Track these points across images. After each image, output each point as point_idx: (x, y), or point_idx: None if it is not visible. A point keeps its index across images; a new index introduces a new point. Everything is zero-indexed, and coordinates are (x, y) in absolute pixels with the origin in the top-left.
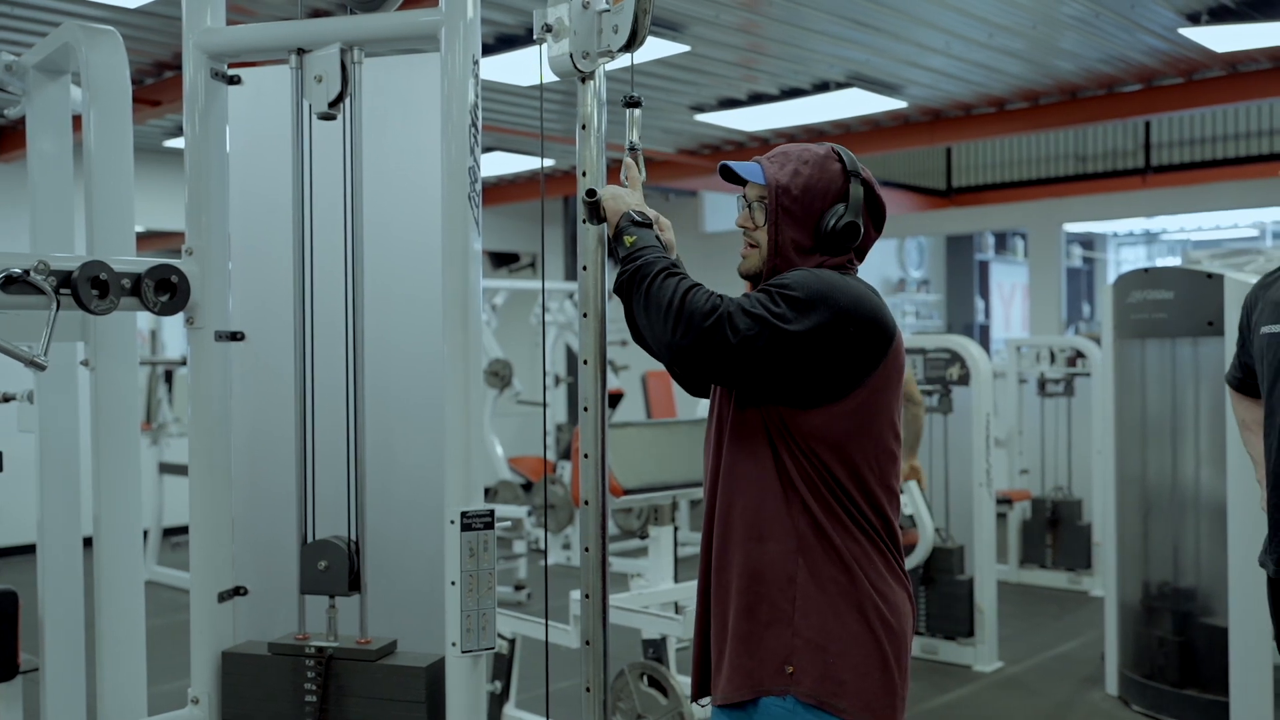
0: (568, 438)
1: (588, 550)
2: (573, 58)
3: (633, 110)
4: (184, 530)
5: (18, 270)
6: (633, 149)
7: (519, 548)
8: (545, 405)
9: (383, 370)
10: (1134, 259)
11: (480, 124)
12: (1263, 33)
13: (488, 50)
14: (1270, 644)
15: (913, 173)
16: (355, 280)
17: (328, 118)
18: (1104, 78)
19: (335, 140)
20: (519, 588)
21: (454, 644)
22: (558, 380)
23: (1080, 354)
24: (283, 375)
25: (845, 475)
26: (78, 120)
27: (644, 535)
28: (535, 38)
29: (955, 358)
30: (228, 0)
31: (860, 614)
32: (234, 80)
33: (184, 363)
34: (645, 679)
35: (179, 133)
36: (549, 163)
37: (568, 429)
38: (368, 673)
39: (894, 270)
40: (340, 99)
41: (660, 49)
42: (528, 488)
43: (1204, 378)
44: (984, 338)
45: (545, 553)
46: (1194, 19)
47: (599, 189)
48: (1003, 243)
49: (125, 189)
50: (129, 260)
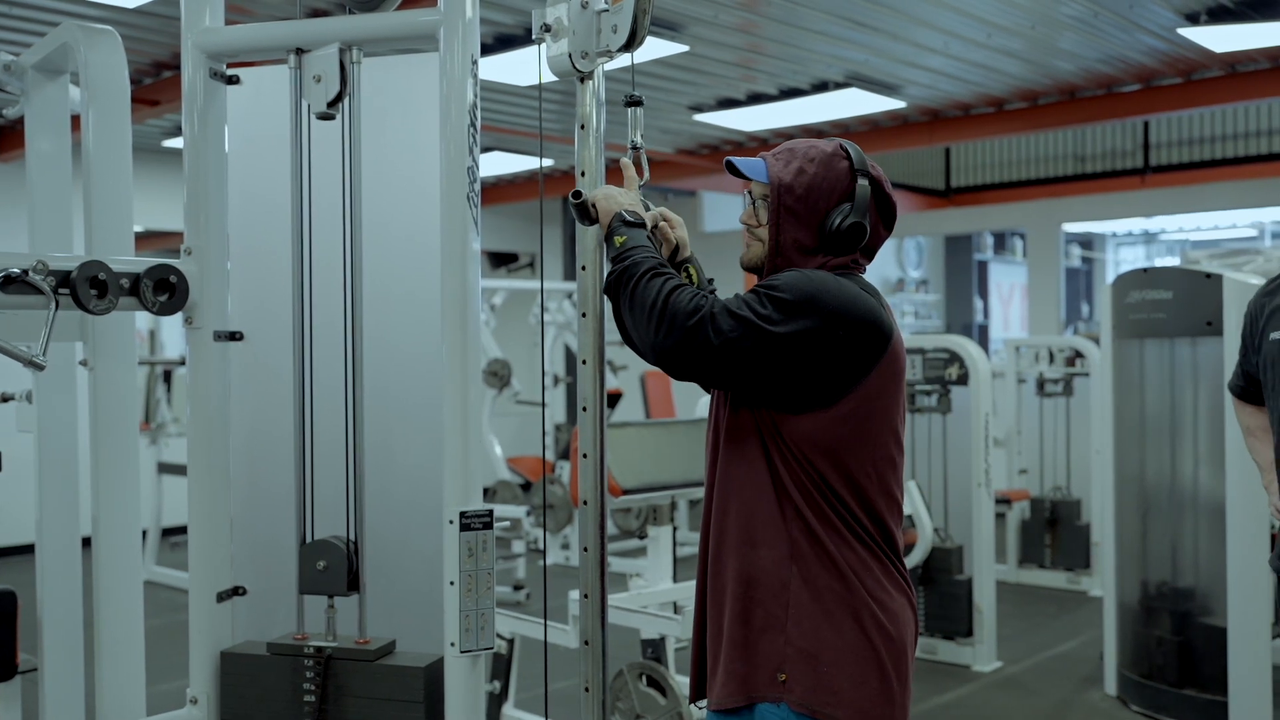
0: (566, 438)
1: (586, 550)
2: (571, 58)
3: (634, 109)
4: (183, 530)
5: (16, 270)
6: (635, 148)
7: (518, 548)
8: (544, 405)
9: (382, 370)
10: (1133, 259)
11: (479, 124)
12: (1261, 33)
13: (486, 50)
14: (1269, 643)
15: (911, 173)
16: (354, 280)
17: (326, 117)
18: (1103, 78)
19: (334, 140)
20: (518, 588)
21: (453, 644)
22: (556, 380)
23: (1079, 354)
24: (281, 375)
25: (839, 482)
26: (76, 120)
27: (643, 535)
28: (534, 38)
29: (954, 358)
30: (226, 0)
31: (856, 622)
32: (233, 80)
33: (183, 362)
34: (644, 679)
35: (178, 132)
36: (548, 163)
37: (566, 429)
38: (366, 673)
39: (893, 270)
40: (339, 99)
41: (659, 49)
42: (526, 488)
43: (1203, 378)
44: (983, 338)
45: (544, 553)
46: (1193, 19)
47: (585, 191)
48: (1001, 243)
49: (124, 189)
50: (127, 260)
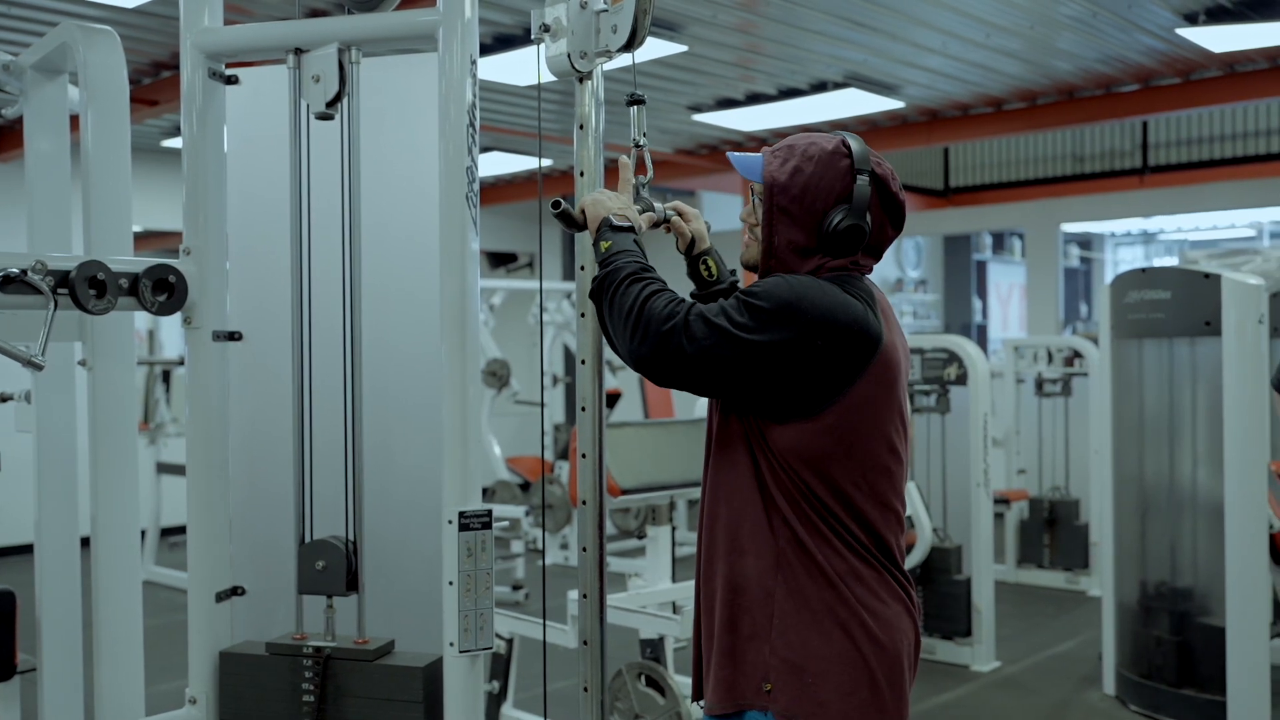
0: (565, 438)
1: (585, 550)
2: (570, 58)
3: (636, 108)
4: (182, 530)
5: (15, 270)
6: (637, 147)
7: (517, 548)
8: (543, 405)
9: (381, 370)
10: (1131, 259)
11: (478, 124)
12: (1260, 33)
13: (485, 50)
14: (1267, 643)
15: (910, 173)
16: (353, 280)
17: (325, 117)
18: (1101, 78)
19: (333, 140)
20: (517, 587)
21: (451, 644)
22: (555, 380)
23: (1078, 354)
24: (280, 375)
25: (826, 492)
26: (75, 120)
27: (641, 535)
28: (533, 38)
29: (953, 358)
30: (225, 0)
31: (845, 631)
32: (232, 80)
33: (182, 362)
34: (643, 679)
35: (177, 132)
36: (547, 163)
37: (565, 429)
38: (365, 673)
39: (891, 270)
40: (338, 99)
41: (658, 49)
42: (525, 488)
43: (1201, 377)
44: (981, 338)
45: (543, 553)
46: (1191, 19)
47: (562, 200)
48: (1000, 243)
49: (123, 189)
50: (126, 260)
